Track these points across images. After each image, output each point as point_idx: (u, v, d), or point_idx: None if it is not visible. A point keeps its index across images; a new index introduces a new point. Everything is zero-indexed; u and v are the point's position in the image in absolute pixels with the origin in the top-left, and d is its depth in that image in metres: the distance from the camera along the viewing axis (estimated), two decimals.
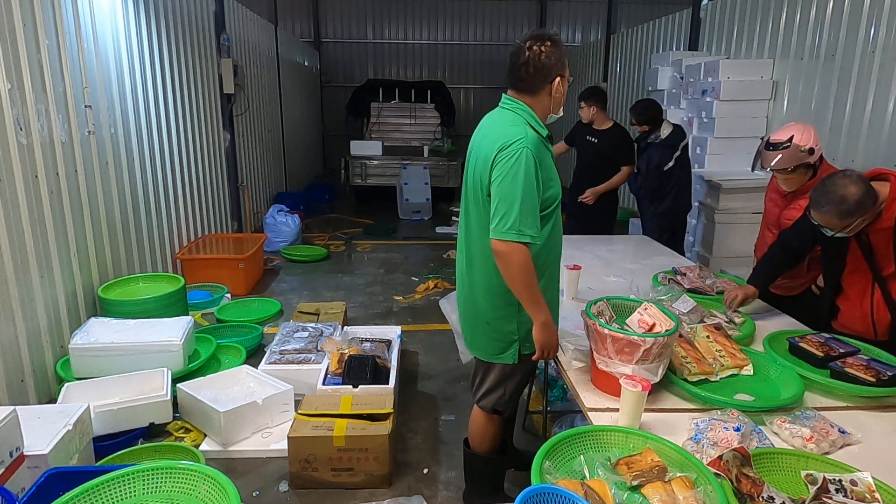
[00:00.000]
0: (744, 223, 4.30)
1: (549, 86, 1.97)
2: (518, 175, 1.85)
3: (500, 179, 1.88)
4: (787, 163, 2.55)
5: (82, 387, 3.04)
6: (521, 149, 1.86)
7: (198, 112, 5.72)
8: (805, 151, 2.54)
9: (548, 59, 1.93)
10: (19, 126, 3.10)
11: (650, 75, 6.23)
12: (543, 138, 1.98)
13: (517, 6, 13.25)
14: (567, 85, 2.01)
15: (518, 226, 1.85)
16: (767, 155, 2.62)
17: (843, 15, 4.15)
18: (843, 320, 2.41)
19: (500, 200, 1.87)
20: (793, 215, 2.70)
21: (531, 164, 1.86)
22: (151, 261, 4.71)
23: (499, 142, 1.91)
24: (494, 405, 2.25)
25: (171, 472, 1.43)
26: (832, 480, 1.36)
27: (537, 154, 1.89)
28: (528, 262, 1.88)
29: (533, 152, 1.87)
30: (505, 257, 1.89)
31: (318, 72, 12.80)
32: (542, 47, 1.92)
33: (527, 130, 1.92)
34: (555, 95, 2.00)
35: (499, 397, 2.22)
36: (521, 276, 1.89)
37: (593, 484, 1.34)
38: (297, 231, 6.79)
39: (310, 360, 3.44)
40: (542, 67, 1.94)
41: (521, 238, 1.85)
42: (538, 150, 1.90)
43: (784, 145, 2.56)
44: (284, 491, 2.69)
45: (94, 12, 3.92)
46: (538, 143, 1.92)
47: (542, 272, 2.03)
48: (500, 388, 2.21)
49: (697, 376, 1.86)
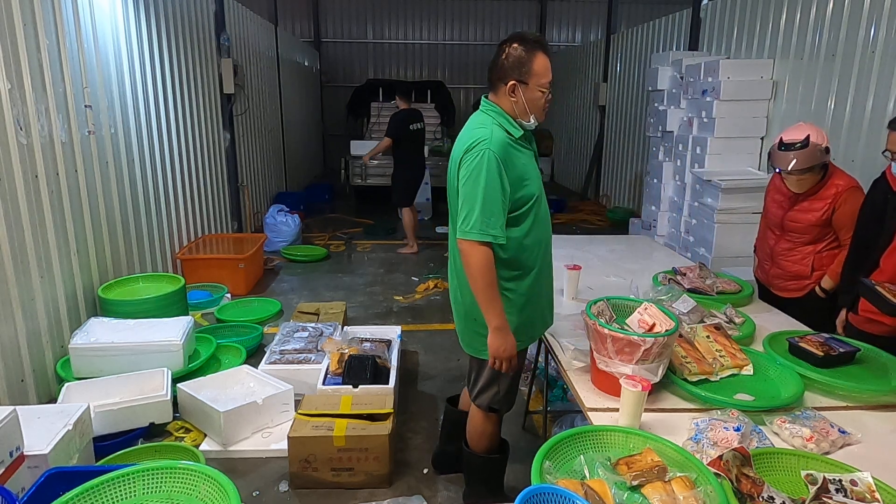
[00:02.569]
0: (744, 223, 4.30)
1: (505, 87, 1.97)
2: (480, 176, 1.88)
3: (464, 180, 1.93)
4: (807, 163, 2.50)
5: (82, 387, 3.05)
6: (484, 150, 1.89)
7: (198, 112, 5.72)
8: (823, 151, 2.52)
9: (506, 60, 1.96)
10: (19, 126, 3.10)
11: (650, 75, 6.23)
12: (515, 139, 1.99)
13: (517, 6, 13.26)
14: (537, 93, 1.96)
15: (479, 226, 1.88)
16: (783, 156, 2.55)
17: (843, 15, 4.15)
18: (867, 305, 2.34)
19: (464, 201, 1.92)
20: (798, 217, 2.69)
21: (493, 165, 1.88)
22: (151, 261, 4.71)
23: (465, 143, 1.96)
24: (490, 403, 2.25)
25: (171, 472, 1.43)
26: (832, 480, 1.36)
27: (501, 154, 1.90)
28: (487, 263, 1.91)
29: (496, 153, 1.89)
30: (466, 256, 1.93)
31: (318, 72, 12.80)
32: (508, 48, 1.96)
33: (493, 131, 1.94)
34: (512, 99, 1.98)
35: (493, 395, 2.23)
36: (480, 275, 1.92)
37: (593, 484, 1.34)
38: (297, 231, 6.79)
39: (310, 360, 3.44)
40: (497, 68, 1.98)
41: (483, 237, 1.89)
42: (503, 150, 1.92)
43: (800, 145, 2.51)
44: (284, 491, 2.69)
45: (94, 12, 3.92)
46: (503, 143, 1.93)
47: (528, 270, 2.06)
48: (494, 386, 2.21)
49: (697, 376, 1.86)
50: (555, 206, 9.06)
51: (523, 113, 2.00)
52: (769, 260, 2.89)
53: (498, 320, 1.97)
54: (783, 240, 2.80)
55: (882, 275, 2.33)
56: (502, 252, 1.99)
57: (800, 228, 2.71)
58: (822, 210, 2.62)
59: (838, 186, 2.60)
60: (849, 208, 2.55)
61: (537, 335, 2.26)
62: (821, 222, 2.64)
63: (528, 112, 2.00)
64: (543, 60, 1.95)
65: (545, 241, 2.12)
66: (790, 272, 2.79)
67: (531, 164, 2.04)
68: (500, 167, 1.89)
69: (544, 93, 1.98)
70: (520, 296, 2.08)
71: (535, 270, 2.09)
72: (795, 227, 2.72)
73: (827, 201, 2.61)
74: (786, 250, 2.80)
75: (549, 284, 2.21)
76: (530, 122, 2.02)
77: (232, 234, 6.61)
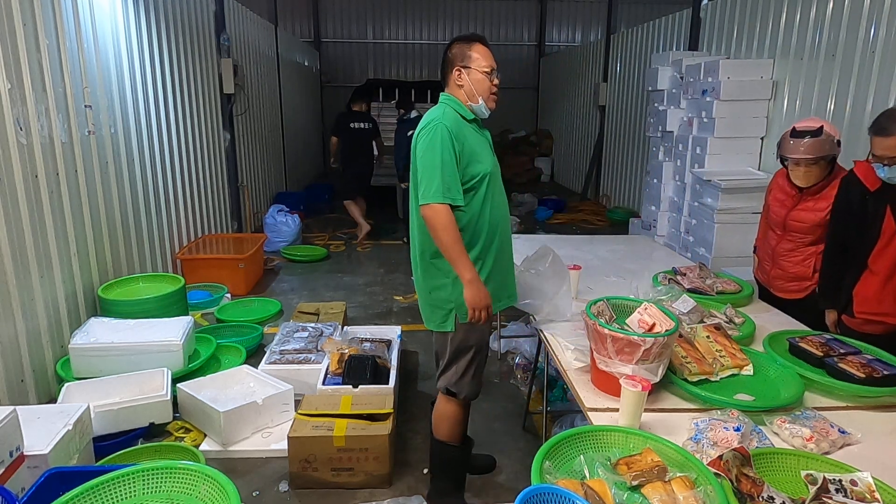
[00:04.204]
0: (744, 223, 4.30)
1: (452, 76, 2.20)
2: (436, 146, 2.06)
3: (422, 153, 2.11)
4: (819, 152, 2.49)
5: (82, 387, 3.05)
6: (437, 124, 2.09)
7: (198, 112, 5.72)
8: (835, 143, 2.51)
9: (450, 54, 2.22)
10: (19, 126, 3.10)
11: (650, 75, 6.22)
12: (467, 120, 2.19)
13: (517, 6, 13.26)
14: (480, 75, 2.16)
15: (440, 189, 2.05)
16: (795, 143, 2.54)
17: (843, 15, 4.15)
18: (863, 307, 2.35)
19: (423, 171, 2.10)
20: (801, 216, 2.68)
21: (446, 136, 2.07)
22: (151, 261, 4.71)
23: (422, 125, 2.18)
24: (447, 384, 2.30)
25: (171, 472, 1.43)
26: (832, 480, 1.36)
27: (453, 128, 2.09)
28: (451, 221, 2.07)
29: (448, 126, 2.08)
30: (431, 219, 2.08)
31: (318, 72, 12.80)
32: (451, 47, 2.23)
33: (444, 111, 2.15)
34: (459, 84, 2.19)
35: (451, 375, 2.28)
36: (445, 233, 2.07)
37: (593, 484, 1.34)
38: (297, 231, 6.79)
39: (310, 360, 3.44)
40: (445, 64, 2.24)
41: (444, 200, 2.06)
42: (455, 125, 2.11)
43: (814, 132, 2.50)
44: (284, 491, 2.69)
45: (94, 12, 3.92)
46: (456, 120, 2.14)
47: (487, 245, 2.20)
48: (452, 366, 2.27)
49: (697, 376, 1.86)
50: (555, 206, 9.08)
51: (472, 96, 2.19)
52: (770, 260, 2.88)
53: (469, 273, 2.10)
54: (785, 240, 2.79)
55: (874, 277, 2.34)
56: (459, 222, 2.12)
57: (803, 228, 2.69)
58: (826, 210, 2.60)
59: None
60: None
61: (500, 308, 2.33)
62: (824, 222, 2.63)
63: (476, 94, 2.18)
64: (481, 49, 2.18)
65: (501, 221, 2.25)
66: (791, 273, 2.78)
67: (484, 146, 2.22)
68: (452, 139, 2.08)
69: (488, 76, 2.16)
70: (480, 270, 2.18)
71: (495, 247, 2.22)
72: (798, 227, 2.71)
73: (831, 201, 2.59)
74: (788, 251, 2.78)
75: (509, 260, 2.34)
76: (479, 104, 2.20)
77: (232, 234, 6.61)
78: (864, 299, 2.37)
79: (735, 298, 2.62)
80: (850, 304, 2.42)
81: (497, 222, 2.23)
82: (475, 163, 2.14)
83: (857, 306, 2.39)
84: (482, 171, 2.15)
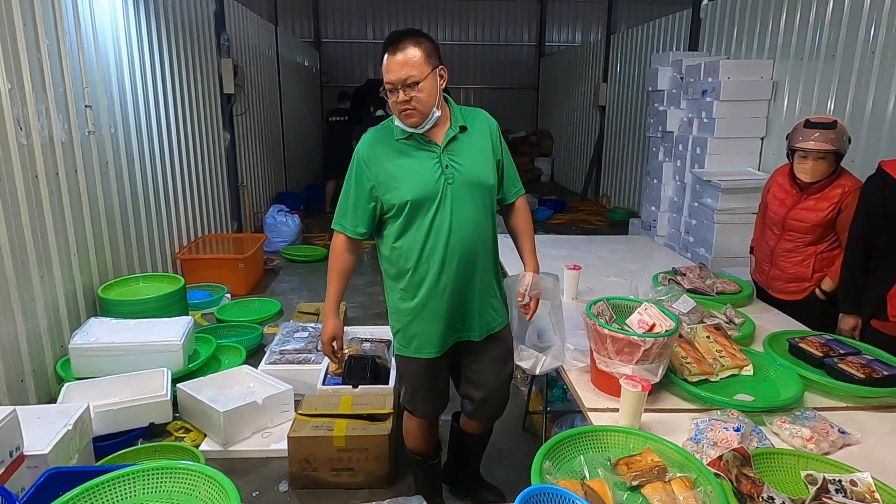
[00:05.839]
0: (744, 223, 4.29)
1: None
2: (348, 174, 2.01)
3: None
4: (832, 143, 2.48)
5: (82, 387, 3.04)
6: (356, 150, 2.00)
7: (198, 112, 5.72)
8: (846, 139, 2.50)
9: None
10: (19, 126, 3.10)
11: (650, 75, 6.23)
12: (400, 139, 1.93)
13: (517, 6, 13.26)
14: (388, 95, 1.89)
15: (336, 216, 2.05)
16: (807, 133, 2.53)
17: (843, 15, 4.15)
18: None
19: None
20: (801, 216, 2.67)
21: (353, 164, 1.99)
22: (151, 261, 4.71)
23: None
24: (402, 400, 2.27)
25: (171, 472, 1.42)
26: (832, 481, 1.36)
27: (365, 155, 1.96)
28: (334, 250, 2.07)
29: (360, 153, 1.97)
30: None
31: (318, 72, 12.80)
32: None
33: (370, 133, 2.01)
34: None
35: (404, 393, 2.24)
36: (329, 260, 2.09)
37: (593, 484, 1.34)
38: (297, 231, 6.79)
39: (310, 361, 3.44)
40: None
41: (334, 226, 2.05)
42: (372, 150, 1.96)
43: (828, 125, 2.50)
44: (284, 491, 2.69)
45: (94, 12, 3.92)
46: (372, 143, 1.96)
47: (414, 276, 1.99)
48: (403, 384, 2.23)
49: (697, 376, 1.86)
50: (555, 206, 9.07)
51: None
52: (768, 261, 2.87)
53: (326, 305, 2.11)
54: (784, 239, 2.78)
55: None
56: (382, 251, 2.08)
57: (803, 228, 2.68)
58: (827, 210, 2.60)
59: (845, 187, 2.57)
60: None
61: (429, 352, 2.06)
62: (825, 222, 2.62)
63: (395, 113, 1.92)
64: (385, 60, 1.87)
65: (436, 252, 1.94)
66: (790, 273, 2.77)
67: (414, 168, 1.91)
68: (360, 167, 1.97)
69: (391, 92, 1.87)
70: (406, 302, 2.03)
71: (427, 282, 1.97)
72: (798, 227, 2.69)
73: (833, 201, 2.59)
74: (787, 251, 2.77)
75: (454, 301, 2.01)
76: (396, 121, 1.93)
77: (232, 234, 6.61)
78: None
79: (735, 299, 2.62)
80: (883, 307, 2.36)
81: (434, 251, 1.94)
82: (392, 190, 1.91)
83: (894, 310, 2.33)
84: (399, 199, 1.91)
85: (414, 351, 2.08)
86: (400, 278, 2.03)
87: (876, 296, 2.39)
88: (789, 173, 2.73)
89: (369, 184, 1.95)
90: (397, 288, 2.06)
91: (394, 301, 2.09)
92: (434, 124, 1.93)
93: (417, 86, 1.83)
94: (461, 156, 1.95)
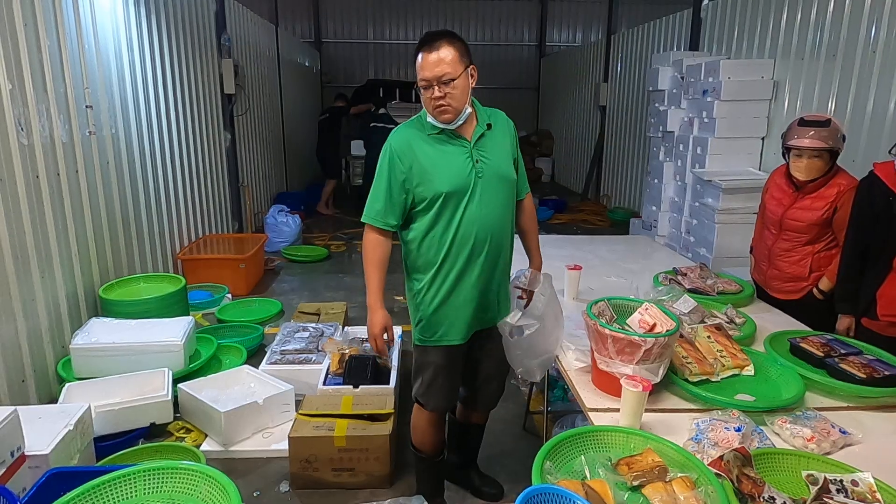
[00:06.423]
0: (745, 223, 4.29)
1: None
2: (381, 165, 2.04)
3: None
4: (826, 141, 2.50)
5: (83, 387, 3.05)
6: (387, 143, 2.04)
7: (199, 112, 5.72)
8: (840, 137, 2.51)
9: None
10: (20, 126, 3.10)
11: (651, 75, 6.22)
12: (431, 134, 2.02)
13: (517, 6, 13.26)
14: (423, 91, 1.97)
15: (367, 209, 2.06)
16: (802, 131, 2.55)
17: (844, 15, 4.15)
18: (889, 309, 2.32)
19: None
20: (798, 215, 2.68)
21: (385, 157, 2.02)
22: (152, 261, 4.71)
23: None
24: (415, 392, 2.29)
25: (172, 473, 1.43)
26: (833, 481, 1.36)
27: (399, 147, 2.01)
28: (370, 243, 2.09)
29: (393, 146, 2.01)
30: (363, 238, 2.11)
31: (318, 72, 12.80)
32: None
33: (402, 127, 2.07)
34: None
35: (418, 385, 2.26)
36: (364, 253, 2.11)
37: (594, 484, 1.34)
38: (298, 231, 6.79)
39: (310, 361, 3.44)
40: None
41: (365, 219, 2.07)
42: (405, 143, 2.01)
43: (823, 123, 2.51)
44: (285, 491, 2.69)
45: (94, 12, 3.92)
46: (411, 136, 2.02)
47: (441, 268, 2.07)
48: (419, 376, 2.25)
49: (698, 376, 1.86)
50: (555, 206, 9.07)
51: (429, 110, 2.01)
52: (766, 261, 2.88)
53: (370, 298, 2.12)
54: (781, 239, 2.79)
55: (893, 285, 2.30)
56: (410, 243, 2.11)
57: (799, 227, 2.69)
58: (823, 209, 2.61)
59: (841, 186, 2.58)
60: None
61: (453, 339, 2.15)
62: (821, 221, 2.63)
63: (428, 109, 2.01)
64: (421, 58, 1.95)
65: (467, 243, 2.04)
66: (787, 273, 2.78)
67: (447, 161, 2.00)
68: (393, 159, 2.01)
69: (424, 89, 1.96)
70: (432, 291, 2.11)
71: (455, 271, 2.07)
72: (795, 226, 2.70)
73: (829, 200, 2.60)
74: (784, 250, 2.78)
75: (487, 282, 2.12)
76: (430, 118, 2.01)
77: (232, 234, 6.61)
78: (891, 301, 2.34)
79: (736, 299, 2.62)
80: (873, 306, 2.38)
81: (465, 242, 2.04)
82: (426, 182, 1.99)
83: (882, 308, 2.35)
84: (433, 192, 1.99)
85: (438, 339, 2.15)
86: (428, 269, 2.10)
87: (866, 295, 2.41)
88: (786, 173, 2.74)
89: (402, 176, 2.01)
90: (424, 279, 2.12)
91: (419, 292, 2.14)
92: (464, 121, 2.02)
93: (451, 83, 1.92)
94: (489, 151, 2.06)
